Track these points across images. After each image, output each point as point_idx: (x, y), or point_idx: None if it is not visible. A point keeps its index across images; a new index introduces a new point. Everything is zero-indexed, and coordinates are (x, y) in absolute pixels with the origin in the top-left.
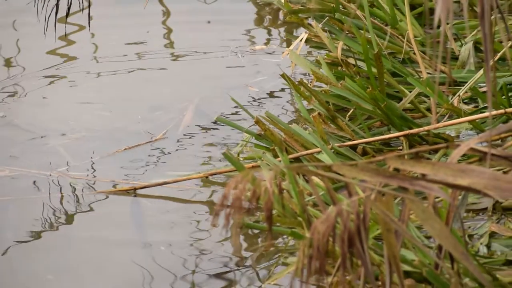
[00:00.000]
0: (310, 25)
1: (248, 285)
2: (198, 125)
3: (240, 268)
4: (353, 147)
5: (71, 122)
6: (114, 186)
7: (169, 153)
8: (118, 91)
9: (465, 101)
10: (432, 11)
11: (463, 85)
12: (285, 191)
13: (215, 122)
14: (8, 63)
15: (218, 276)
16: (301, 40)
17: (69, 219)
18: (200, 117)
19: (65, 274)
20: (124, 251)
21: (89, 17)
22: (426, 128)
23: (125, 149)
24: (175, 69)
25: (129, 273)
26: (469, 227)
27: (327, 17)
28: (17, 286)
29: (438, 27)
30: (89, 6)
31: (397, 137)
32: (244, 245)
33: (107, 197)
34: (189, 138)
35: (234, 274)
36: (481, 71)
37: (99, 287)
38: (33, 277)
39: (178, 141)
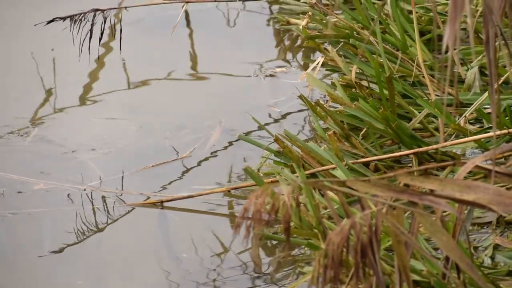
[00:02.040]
0: (326, 49)
1: None
2: (222, 143)
3: (259, 276)
4: (366, 164)
5: (102, 137)
6: (142, 199)
7: (193, 168)
8: (145, 109)
9: (471, 121)
10: (440, 37)
11: (469, 107)
12: (302, 204)
13: (237, 140)
14: (43, 82)
15: (238, 283)
16: (317, 64)
17: (100, 229)
18: (223, 135)
19: (94, 280)
20: (150, 260)
21: (120, 41)
22: (434, 146)
23: (152, 166)
24: (200, 90)
25: (154, 280)
26: (474, 240)
27: (342, 43)
28: None
29: (446, 52)
30: (120, 31)
31: (407, 155)
32: (263, 255)
33: (135, 209)
34: (213, 154)
35: (253, 282)
36: (486, 94)
37: None
38: (64, 282)
39: (202, 158)
